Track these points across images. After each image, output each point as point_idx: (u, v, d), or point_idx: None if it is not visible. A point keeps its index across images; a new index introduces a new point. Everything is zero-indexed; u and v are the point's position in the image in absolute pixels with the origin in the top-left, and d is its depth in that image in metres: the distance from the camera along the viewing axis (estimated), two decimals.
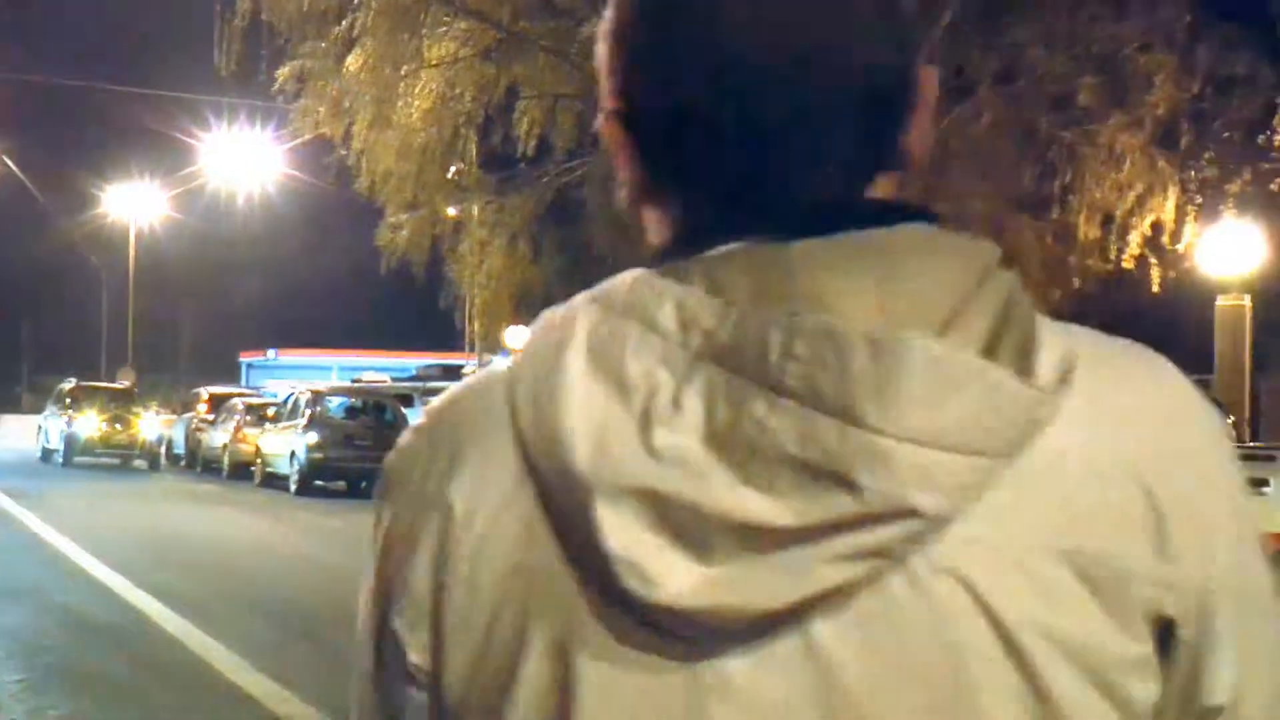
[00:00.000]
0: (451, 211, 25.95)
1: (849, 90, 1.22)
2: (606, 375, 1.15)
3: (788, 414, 1.12)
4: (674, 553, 1.13)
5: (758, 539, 1.12)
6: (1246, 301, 20.67)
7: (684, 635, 1.14)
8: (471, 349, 34.53)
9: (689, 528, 1.13)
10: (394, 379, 50.20)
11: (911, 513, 1.10)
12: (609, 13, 1.29)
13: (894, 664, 1.16)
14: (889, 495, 1.10)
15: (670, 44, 1.24)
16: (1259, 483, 13.42)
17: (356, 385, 40.87)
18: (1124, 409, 1.19)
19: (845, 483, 1.10)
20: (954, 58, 19.95)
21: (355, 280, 28.93)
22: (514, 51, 22.08)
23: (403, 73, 22.28)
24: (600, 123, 1.27)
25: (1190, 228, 20.77)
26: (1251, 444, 19.41)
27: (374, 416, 31.57)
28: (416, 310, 35.04)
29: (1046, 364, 1.13)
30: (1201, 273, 21.57)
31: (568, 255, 26.67)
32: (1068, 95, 20.20)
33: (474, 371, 8.73)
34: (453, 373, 50.04)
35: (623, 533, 1.11)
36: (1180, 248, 21.18)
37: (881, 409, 1.11)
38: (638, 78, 1.26)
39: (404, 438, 1.30)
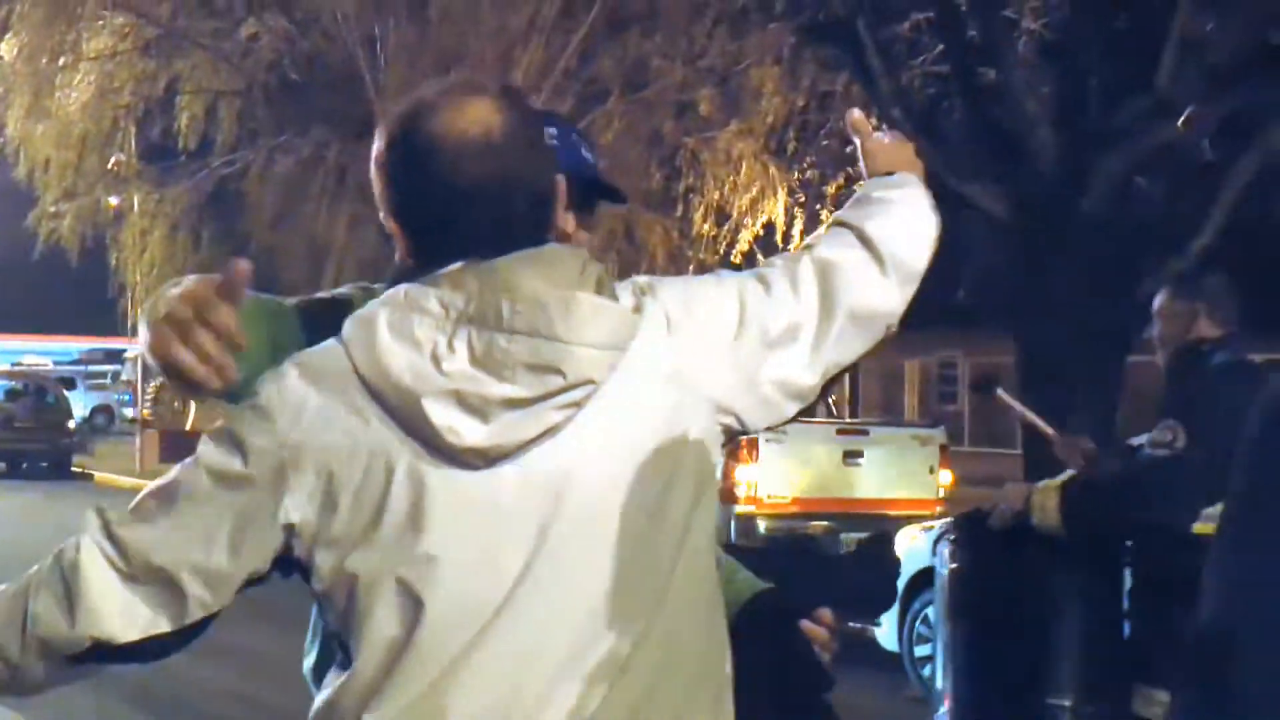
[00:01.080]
0: (113, 201, 25.49)
1: (529, 198, 2.11)
2: (404, 340, 1.96)
3: (519, 342, 1.97)
4: (470, 420, 1.97)
5: (512, 406, 1.99)
6: None
7: (480, 463, 1.99)
8: (134, 334, 33.73)
9: (475, 407, 1.98)
10: (56, 363, 48.61)
11: (590, 381, 2.00)
12: (375, 148, 2.10)
13: (593, 453, 2.04)
14: (579, 374, 1.99)
15: (432, 189, 2.06)
16: (853, 454, 14.21)
17: (16, 369, 39.67)
18: (666, 312, 2.11)
19: (556, 371, 1.98)
20: (587, 68, 20.50)
21: (15, 265, 27.99)
22: (174, 48, 21.76)
23: (60, 64, 21.74)
24: (383, 217, 2.12)
25: (797, 225, 21.60)
26: (850, 419, 20.55)
27: (35, 399, 30.67)
28: (78, 295, 34.07)
29: (626, 304, 2.07)
30: None
31: (228, 245, 26.32)
32: (690, 105, 20.76)
33: (136, 356, 9.07)
34: (115, 356, 48.48)
35: (441, 414, 1.96)
36: (790, 246, 22.03)
37: (569, 331, 1.99)
38: (416, 202, 2.10)
39: (275, 379, 2.00)
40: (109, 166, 23.93)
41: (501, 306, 1.98)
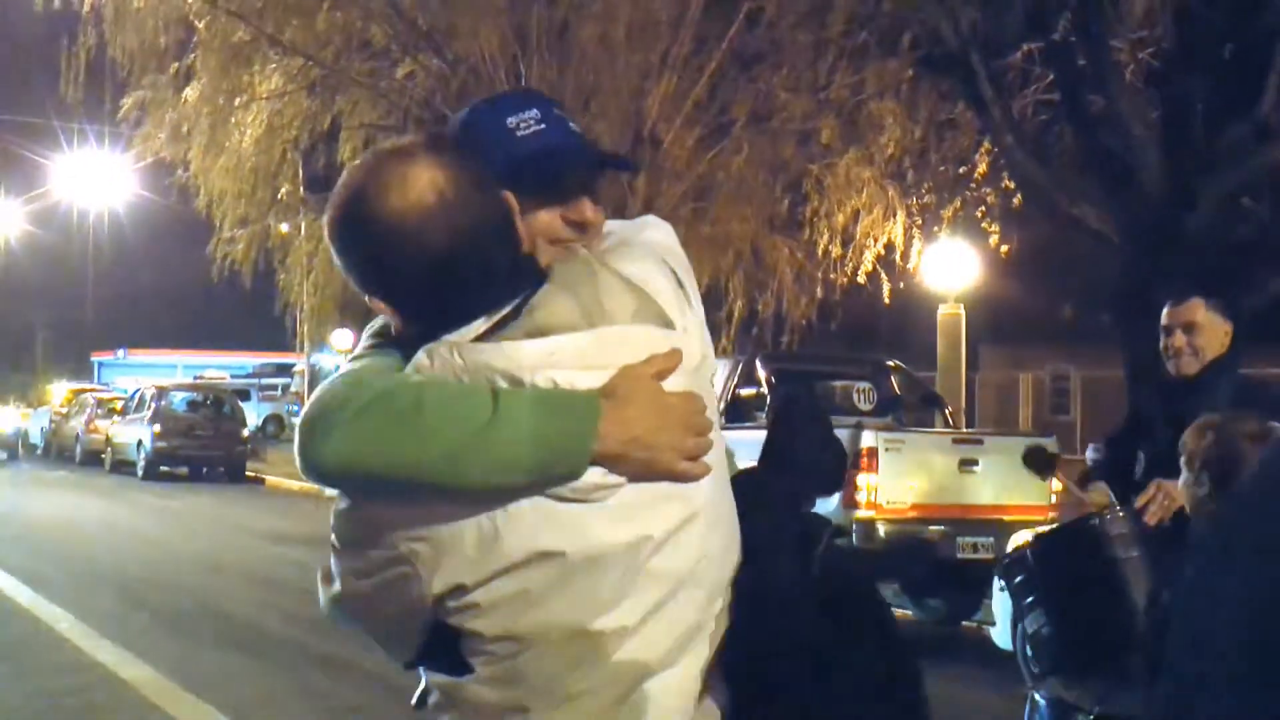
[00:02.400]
0: (282, 228, 25.93)
1: (500, 236, 2.02)
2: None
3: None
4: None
5: None
6: (962, 310, 21.53)
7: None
8: (301, 349, 34.38)
9: None
10: (232, 376, 49.68)
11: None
12: (354, 248, 2.03)
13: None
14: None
15: (416, 268, 1.97)
16: (969, 462, 14.08)
17: (198, 381, 40.52)
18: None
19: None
20: (717, 101, 20.51)
21: (197, 287, 28.68)
22: (336, 87, 21.90)
23: (236, 103, 21.98)
24: (370, 301, 2.03)
25: (915, 247, 21.50)
26: (966, 430, 20.34)
27: (213, 409, 31.29)
28: (252, 314, 34.74)
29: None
30: (925, 285, 22.36)
31: None
32: (813, 133, 20.65)
33: (303, 370, 9.26)
34: (284, 370, 49.39)
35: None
36: (909, 265, 21.89)
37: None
38: (384, 280, 2.01)
39: None
40: (278, 197, 24.24)
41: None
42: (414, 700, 2.12)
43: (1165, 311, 5.70)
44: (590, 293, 1.99)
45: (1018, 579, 5.31)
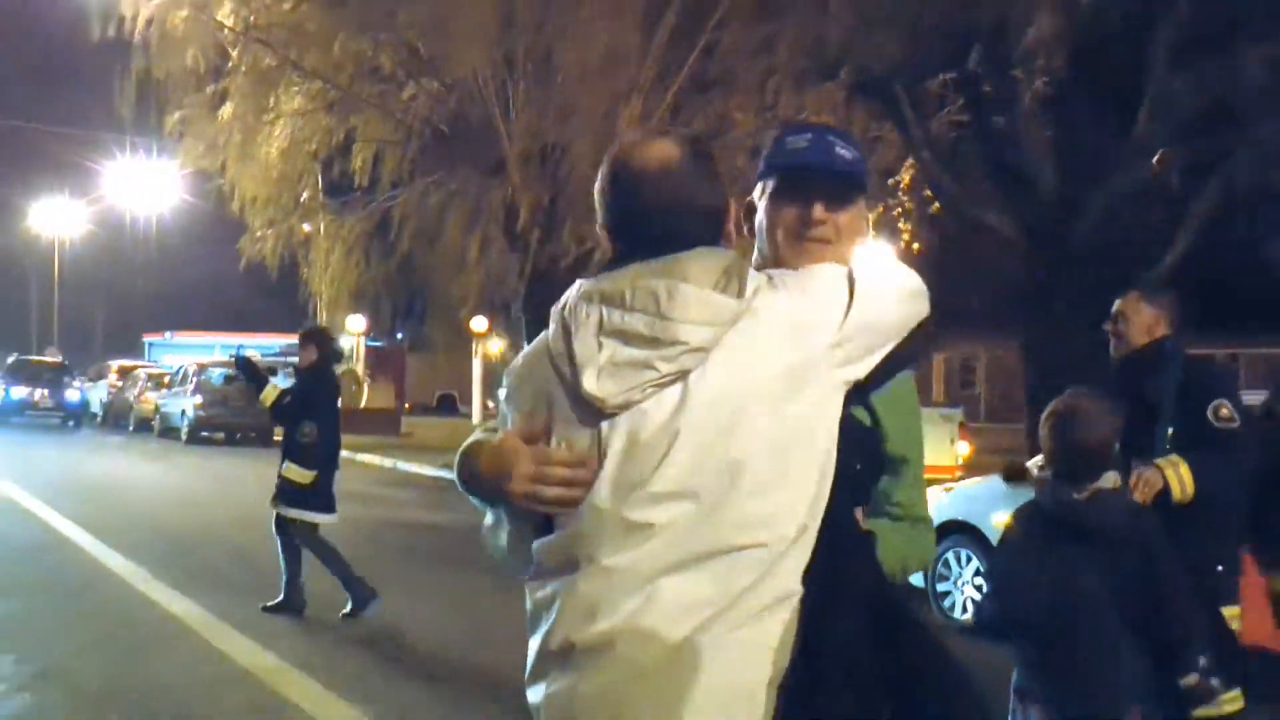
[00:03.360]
0: (304, 227, 25.97)
1: (699, 215, 2.17)
2: (560, 320, 2.14)
3: (636, 317, 2.04)
4: (605, 381, 2.05)
5: (631, 371, 2.05)
6: None
7: (599, 409, 2.06)
8: None
9: (607, 370, 2.05)
10: (262, 354, 49.57)
11: (701, 349, 2.02)
12: (600, 181, 2.23)
13: (702, 401, 2.03)
14: (682, 342, 2.01)
15: (624, 205, 2.19)
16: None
17: (232, 359, 40.41)
18: (801, 300, 2.11)
19: (671, 340, 2.02)
20: (680, 118, 20.38)
21: (231, 278, 28.71)
22: (350, 107, 21.96)
23: (264, 120, 22.02)
24: (599, 226, 2.24)
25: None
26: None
27: (245, 383, 31.22)
28: (278, 301, 34.78)
29: (748, 289, 2.05)
30: None
31: (390, 262, 26.82)
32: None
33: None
34: None
35: (589, 375, 2.06)
36: None
37: (675, 311, 2.03)
38: (614, 216, 2.21)
39: (513, 365, 2.29)
40: (300, 201, 24.25)
41: (624, 292, 2.07)
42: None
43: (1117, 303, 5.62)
44: (722, 279, 2.08)
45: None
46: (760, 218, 2.48)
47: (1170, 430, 5.19)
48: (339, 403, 10.22)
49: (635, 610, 1.98)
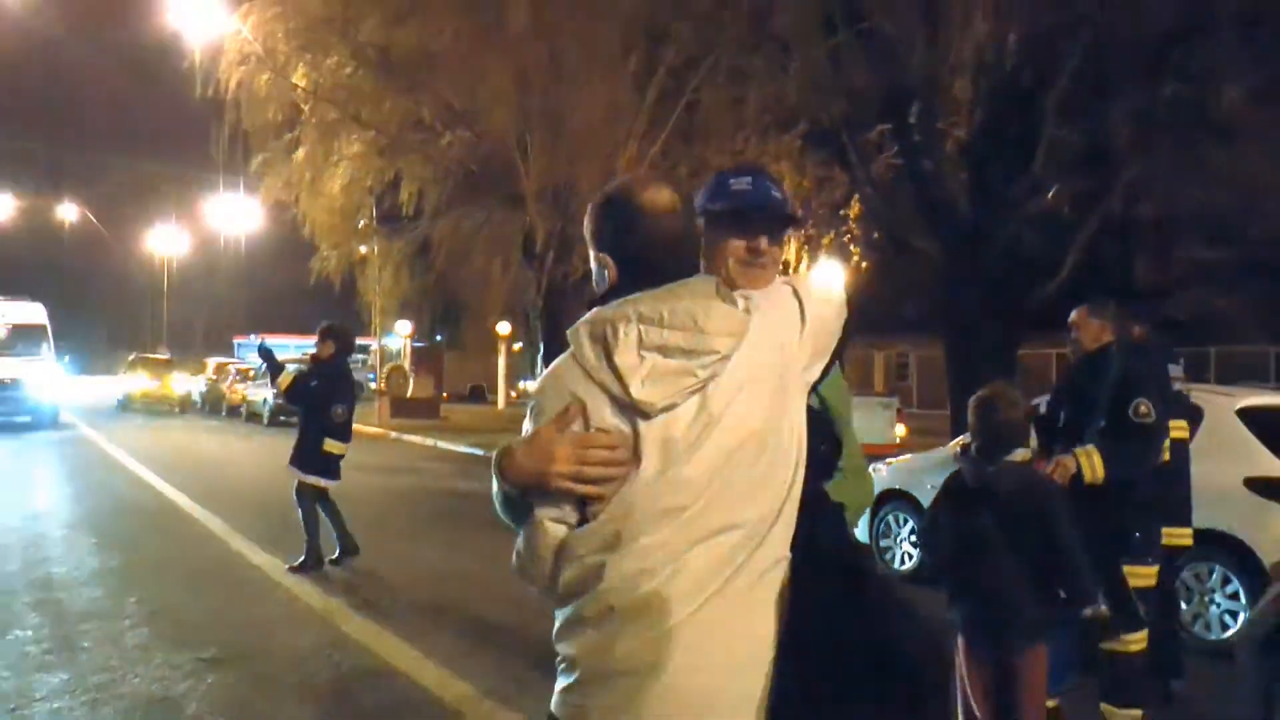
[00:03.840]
0: (360, 249, 26.06)
1: (695, 248, 2.15)
2: (595, 339, 2.01)
3: (675, 333, 1.97)
4: (648, 387, 1.97)
5: (672, 378, 1.98)
6: None
7: (647, 410, 1.98)
8: (374, 334, 34.42)
9: (651, 378, 1.98)
10: None
11: (727, 357, 1.99)
12: (605, 218, 2.13)
13: (721, 401, 1.99)
14: (716, 351, 1.98)
15: (640, 239, 2.09)
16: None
17: (304, 356, 40.25)
18: (775, 315, 2.09)
19: (707, 350, 1.98)
20: (667, 161, 20.25)
21: (303, 290, 28.84)
22: (398, 152, 21.95)
23: (329, 163, 22.06)
24: (599, 255, 2.13)
25: (804, 265, 21.50)
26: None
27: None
28: (340, 309, 34.76)
29: (743, 305, 2.02)
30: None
31: (430, 278, 26.89)
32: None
33: (376, 349, 9.39)
34: (363, 349, 49.49)
35: (635, 384, 1.97)
36: (800, 275, 22.14)
37: (711, 326, 1.98)
38: (627, 248, 2.10)
39: (544, 375, 2.11)
40: (358, 227, 24.33)
41: (662, 313, 2.00)
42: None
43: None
44: (725, 299, 2.04)
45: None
46: (703, 245, 2.35)
47: (1102, 423, 5.15)
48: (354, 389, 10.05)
49: (669, 577, 1.96)
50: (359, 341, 11.48)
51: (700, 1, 18.46)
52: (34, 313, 26.98)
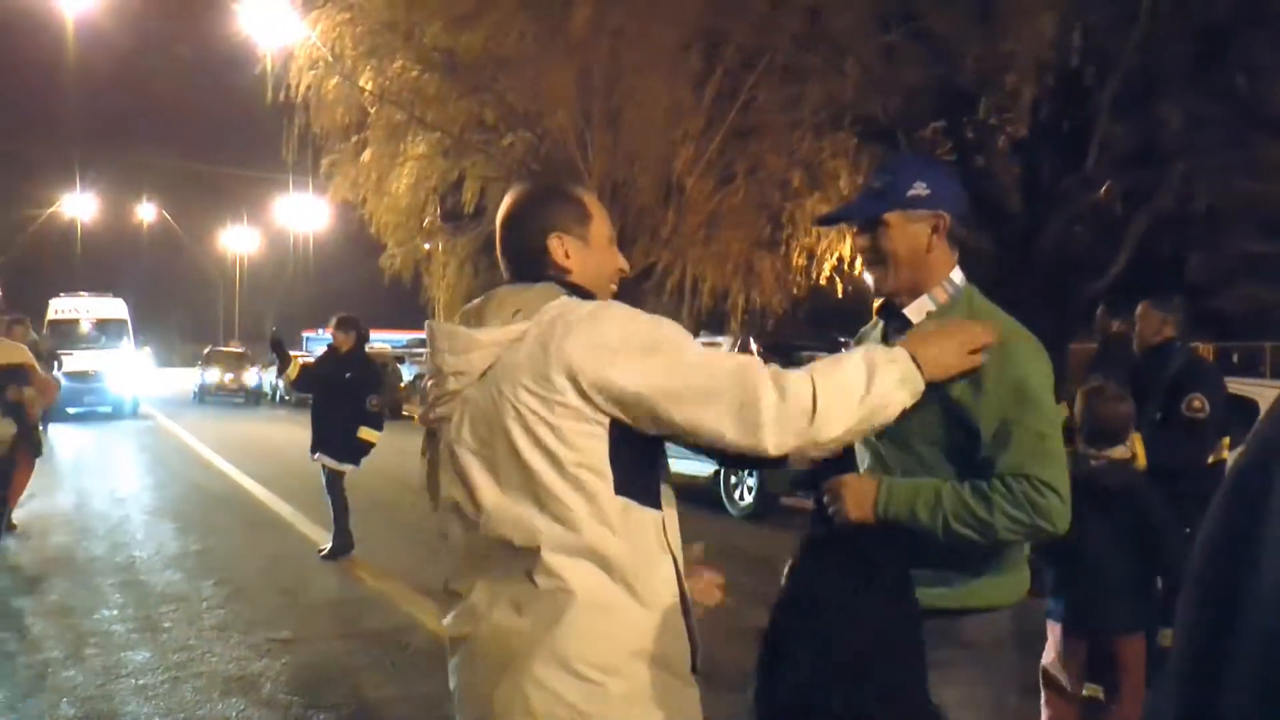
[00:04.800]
0: (426, 246, 26.28)
1: (519, 258, 2.11)
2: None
3: (428, 355, 2.02)
4: (422, 405, 2.10)
5: (433, 392, 2.04)
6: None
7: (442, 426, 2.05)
8: None
9: (424, 399, 2.09)
10: (393, 346, 50.28)
11: (463, 373, 1.97)
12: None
13: (476, 413, 1.98)
14: (457, 372, 1.99)
15: None
16: None
17: (373, 349, 40.67)
18: (550, 329, 1.93)
19: (439, 370, 2.01)
20: (724, 159, 20.36)
21: (371, 285, 29.24)
22: (462, 152, 22.05)
23: (395, 163, 22.18)
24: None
25: (859, 260, 21.52)
26: None
27: (381, 369, 31.24)
28: (406, 304, 35.20)
29: (516, 322, 1.94)
30: (866, 285, 22.41)
31: (494, 274, 27.02)
32: (788, 182, 20.67)
33: None
34: (426, 343, 50.29)
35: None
36: (855, 272, 21.81)
37: (437, 347, 2.01)
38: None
39: None
40: (423, 225, 24.39)
41: (428, 337, 2.06)
42: None
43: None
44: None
45: None
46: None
47: (1158, 415, 5.14)
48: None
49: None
50: (422, 336, 11.67)
51: (758, 1, 18.43)
52: (116, 308, 27.66)
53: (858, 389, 1.94)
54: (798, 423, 1.86)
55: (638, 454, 1.92)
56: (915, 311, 2.39)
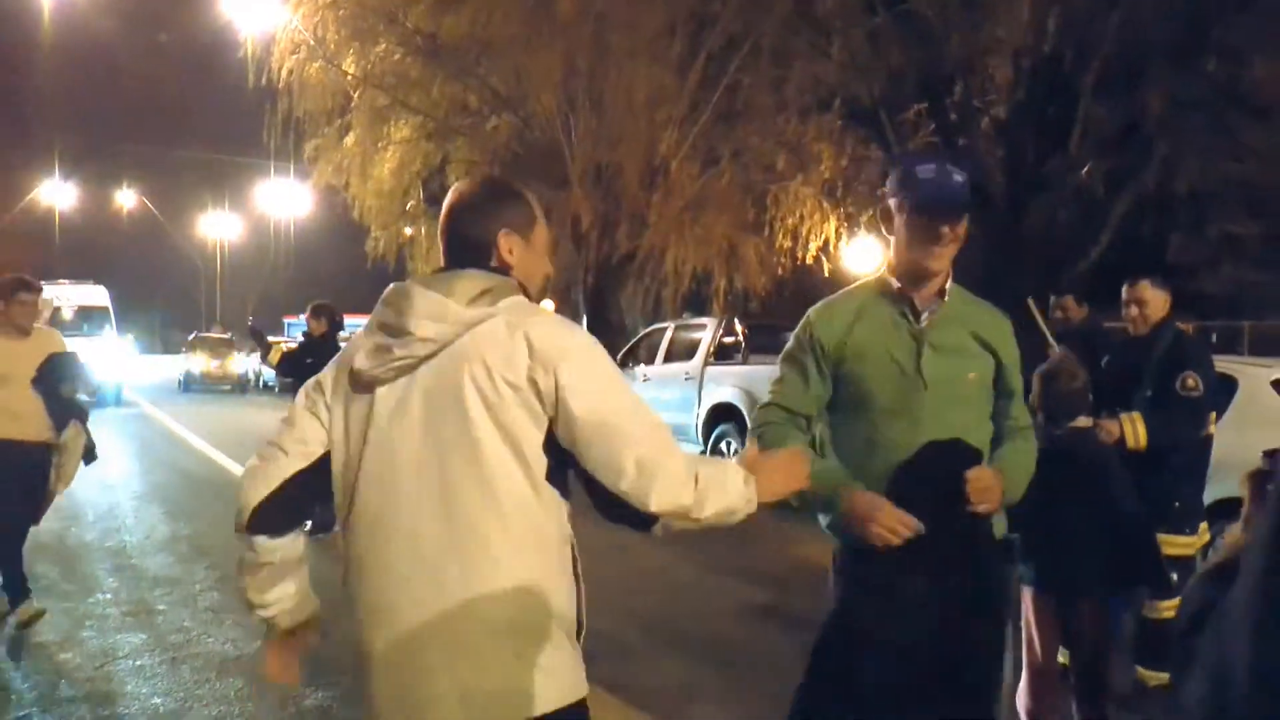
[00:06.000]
0: (409, 231, 26.24)
1: (465, 247, 2.15)
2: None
3: (389, 315, 2.04)
4: (366, 359, 2.07)
5: (386, 353, 2.05)
6: None
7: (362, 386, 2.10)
8: None
9: (371, 355, 2.07)
10: None
11: (431, 340, 2.01)
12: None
13: (431, 385, 2.02)
14: (420, 335, 2.01)
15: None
16: None
17: (351, 334, 40.58)
18: (523, 320, 2.02)
19: (407, 331, 2.02)
20: (707, 143, 20.45)
21: (353, 270, 29.17)
22: (446, 136, 22.07)
23: (378, 147, 22.21)
24: None
25: (842, 242, 21.46)
26: None
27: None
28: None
29: (484, 304, 2.02)
30: (848, 268, 22.50)
31: None
32: (772, 165, 20.71)
33: None
34: None
35: (355, 355, 2.10)
36: (838, 253, 22.03)
37: (412, 309, 2.02)
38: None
39: None
40: (406, 209, 24.37)
41: (388, 296, 2.11)
42: None
43: (1124, 290, 5.43)
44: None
45: None
46: (895, 228, 2.82)
47: (1149, 393, 5.18)
48: None
49: None
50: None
51: None
52: (97, 295, 27.51)
53: (728, 485, 2.05)
54: (682, 492, 1.97)
55: (563, 450, 2.03)
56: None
